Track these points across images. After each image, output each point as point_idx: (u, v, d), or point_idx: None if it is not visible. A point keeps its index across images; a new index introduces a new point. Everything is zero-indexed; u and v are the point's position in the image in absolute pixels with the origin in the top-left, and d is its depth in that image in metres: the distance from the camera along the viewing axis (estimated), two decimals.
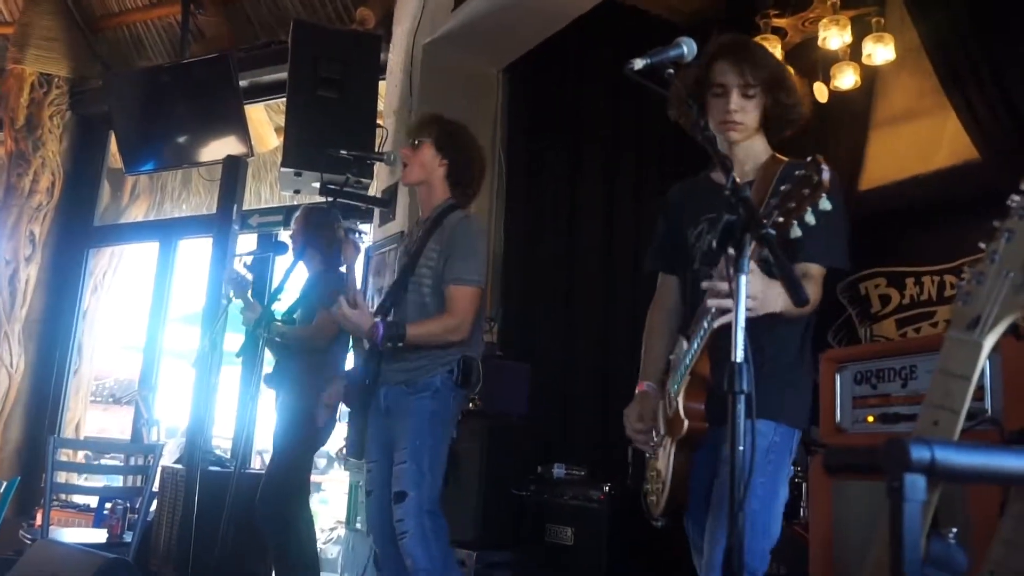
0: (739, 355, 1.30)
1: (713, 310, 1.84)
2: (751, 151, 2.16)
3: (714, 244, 1.42)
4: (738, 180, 1.51)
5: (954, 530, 1.13)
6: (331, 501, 8.05)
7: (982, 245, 1.05)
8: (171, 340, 6.53)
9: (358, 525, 4.45)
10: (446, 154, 2.94)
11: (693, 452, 2.08)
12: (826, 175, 1.49)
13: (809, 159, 1.51)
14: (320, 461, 8.78)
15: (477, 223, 2.98)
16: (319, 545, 5.29)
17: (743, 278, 1.36)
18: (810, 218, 1.51)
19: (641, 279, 4.11)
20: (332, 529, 5.84)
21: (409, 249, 2.99)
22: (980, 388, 1.87)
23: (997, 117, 3.19)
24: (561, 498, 3.53)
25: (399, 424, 2.79)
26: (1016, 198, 1.04)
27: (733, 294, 1.33)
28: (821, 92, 3.76)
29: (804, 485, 2.90)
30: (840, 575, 2.28)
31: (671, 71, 1.77)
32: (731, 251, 1.40)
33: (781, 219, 1.52)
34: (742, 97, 2.09)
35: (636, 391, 2.26)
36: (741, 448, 1.27)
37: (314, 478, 8.28)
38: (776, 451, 1.97)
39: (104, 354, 7.54)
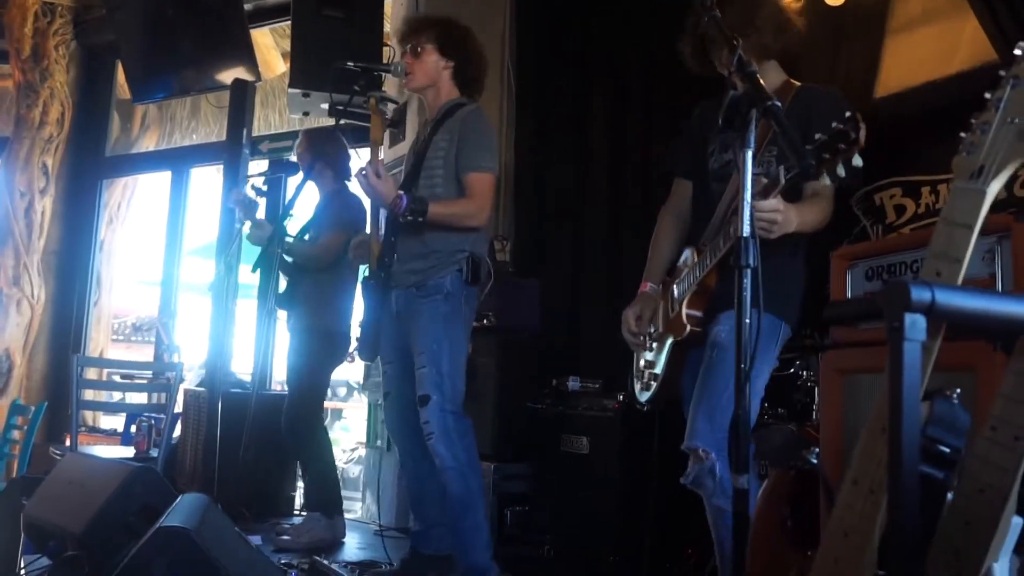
0: (746, 230, 1.31)
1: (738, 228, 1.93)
2: (764, 79, 2.19)
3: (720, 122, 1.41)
4: None
5: (957, 391, 1.14)
6: (352, 428, 8.22)
7: (987, 95, 1.05)
8: (187, 273, 6.59)
9: (378, 443, 4.54)
10: (451, 56, 2.92)
11: (686, 352, 2.27)
12: (863, 133, 1.54)
13: (848, 113, 1.55)
14: (340, 389, 8.95)
15: (485, 114, 2.98)
16: (341, 464, 5.43)
17: (748, 153, 1.36)
18: (841, 171, 1.57)
19: (650, 193, 4.12)
20: (353, 450, 5.96)
21: (417, 147, 2.99)
22: (991, 276, 1.86)
23: (1017, 14, 3.11)
24: (576, 409, 3.58)
25: (413, 327, 2.82)
26: (1023, 44, 1.02)
27: (740, 165, 1.33)
28: None
29: (816, 388, 2.92)
30: None
31: None
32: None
33: (814, 165, 1.56)
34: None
35: (639, 291, 2.35)
36: (747, 321, 1.28)
37: (335, 405, 8.49)
38: (760, 337, 2.06)
39: (122, 289, 7.62)
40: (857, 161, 1.53)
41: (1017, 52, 1.02)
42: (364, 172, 2.71)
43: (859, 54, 3.81)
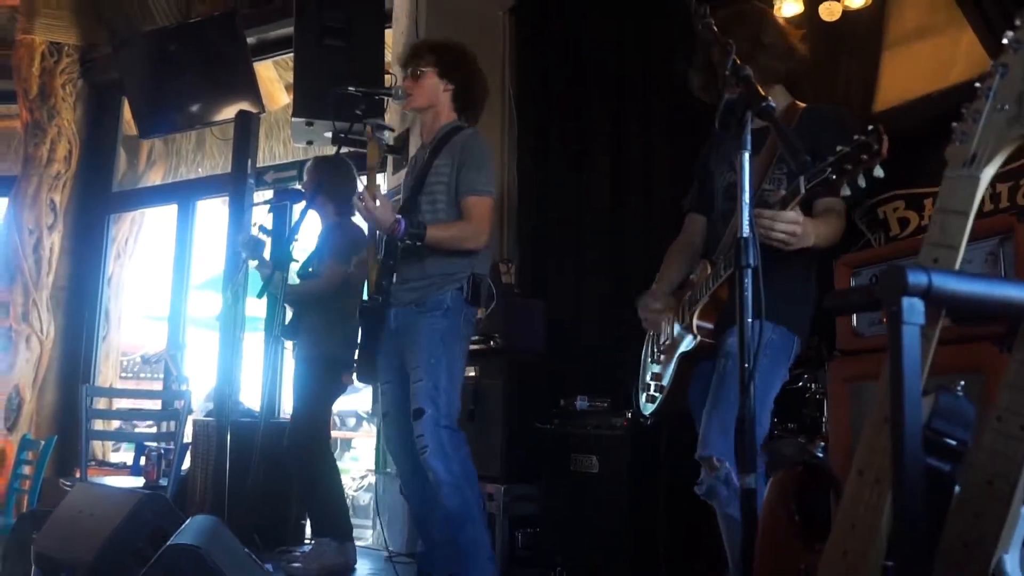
0: (746, 231, 1.32)
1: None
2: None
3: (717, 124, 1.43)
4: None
5: (961, 383, 1.14)
6: (361, 458, 8.20)
7: (977, 85, 1.06)
8: (195, 307, 6.62)
9: (388, 470, 4.53)
10: (451, 79, 2.96)
11: (695, 364, 2.27)
12: (886, 144, 1.56)
13: (872, 128, 1.58)
14: (350, 420, 8.93)
15: (483, 139, 3.01)
16: (351, 492, 5.40)
17: (745, 155, 1.37)
18: (862, 181, 1.59)
19: (652, 213, 4.14)
20: (363, 477, 5.94)
21: (416, 171, 3.01)
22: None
23: (1012, 23, 3.13)
24: (585, 428, 3.57)
25: (411, 343, 2.83)
26: (1010, 34, 1.04)
27: (738, 167, 1.35)
28: (831, 11, 3.70)
29: (825, 402, 2.91)
30: None
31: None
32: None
33: (835, 176, 1.60)
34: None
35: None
36: (749, 320, 1.29)
37: (344, 435, 8.47)
38: (773, 348, 2.09)
39: (131, 324, 7.64)
40: (879, 172, 1.56)
41: (1005, 41, 1.03)
42: (361, 198, 2.73)
43: (857, 69, 3.84)
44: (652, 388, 2.32)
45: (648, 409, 2.34)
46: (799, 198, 1.85)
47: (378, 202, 2.73)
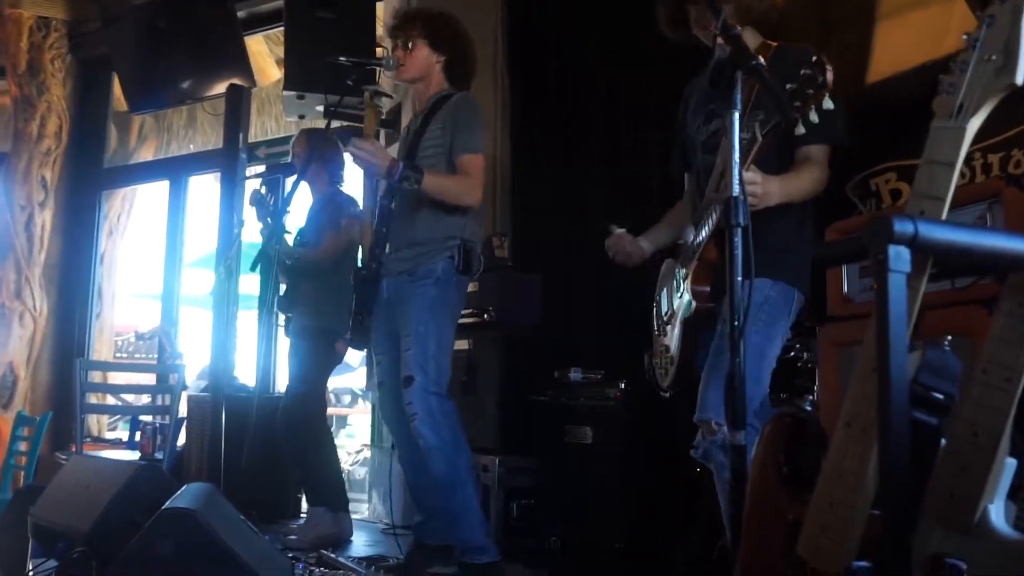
0: (735, 190, 1.32)
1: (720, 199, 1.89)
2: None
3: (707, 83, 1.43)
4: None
5: (948, 338, 1.16)
6: (357, 435, 8.23)
7: (964, 36, 1.06)
8: (188, 285, 6.60)
9: (384, 444, 4.55)
10: (442, 50, 2.96)
11: (699, 332, 2.20)
12: (830, 75, 1.54)
13: (814, 58, 1.56)
14: (345, 397, 8.95)
15: (474, 99, 3.02)
16: (347, 467, 5.43)
17: (736, 114, 1.37)
18: (814, 116, 1.56)
19: (646, 185, 4.14)
20: (358, 452, 5.97)
21: (409, 138, 3.01)
22: None
23: None
24: (579, 400, 3.59)
25: (402, 313, 2.85)
26: None
27: (727, 126, 1.35)
28: None
29: (816, 370, 2.93)
30: None
31: None
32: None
33: (790, 116, 1.55)
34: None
35: None
36: (740, 279, 1.29)
37: (340, 411, 8.49)
38: (771, 305, 2.06)
39: (124, 304, 7.62)
40: (828, 104, 1.53)
41: None
42: (357, 144, 2.74)
43: (850, 40, 3.83)
44: (663, 360, 2.30)
45: (666, 383, 2.30)
46: (757, 147, 1.78)
47: (374, 147, 2.75)
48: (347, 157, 4.18)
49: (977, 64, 1.03)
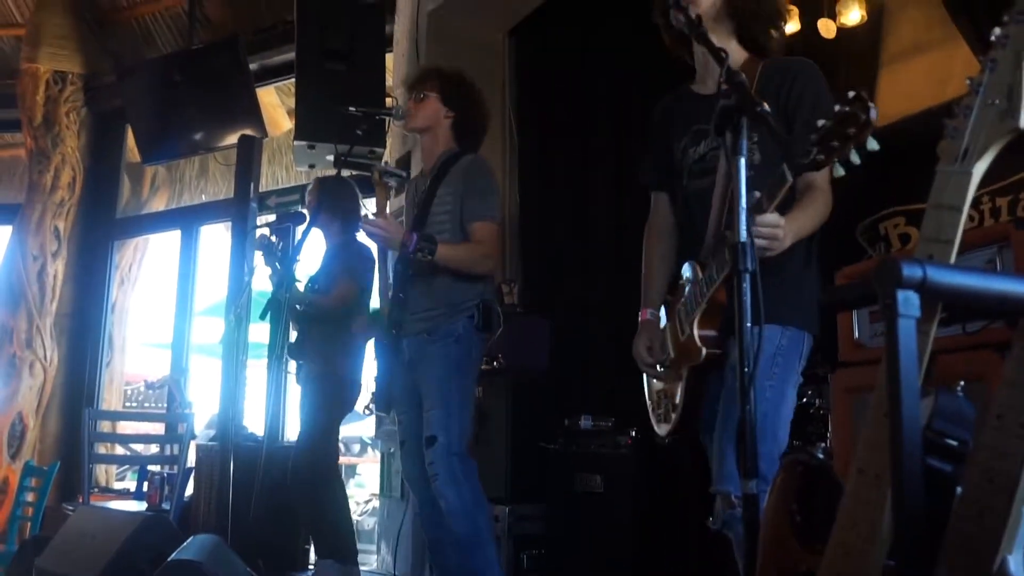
0: (743, 235, 1.32)
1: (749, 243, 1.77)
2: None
3: (712, 130, 1.42)
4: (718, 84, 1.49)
5: (961, 383, 1.14)
6: (367, 484, 8.16)
7: (967, 80, 1.07)
8: (198, 334, 6.62)
9: (392, 493, 4.50)
10: (453, 106, 2.99)
11: (705, 379, 2.07)
12: (874, 113, 1.41)
13: (853, 95, 1.43)
14: (354, 446, 8.89)
15: (486, 162, 3.03)
16: (356, 517, 5.36)
17: (742, 160, 1.37)
18: (855, 158, 1.43)
19: None
20: (367, 502, 5.91)
21: (418, 200, 3.02)
22: None
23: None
24: (589, 448, 3.56)
25: (424, 373, 2.84)
26: (998, 30, 1.05)
27: (734, 173, 1.35)
28: (828, 28, 3.73)
29: (829, 417, 2.90)
30: None
31: None
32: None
33: (822, 157, 1.44)
34: None
35: (639, 320, 2.23)
36: (748, 325, 1.28)
37: (349, 461, 8.43)
38: (783, 355, 1.93)
39: (134, 354, 7.64)
40: (872, 145, 1.40)
41: (993, 38, 1.04)
42: (371, 219, 2.77)
43: (854, 85, 3.86)
44: (662, 407, 2.19)
45: (663, 430, 2.17)
46: (785, 189, 1.63)
47: (388, 224, 2.77)
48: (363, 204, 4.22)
49: (981, 108, 1.03)
